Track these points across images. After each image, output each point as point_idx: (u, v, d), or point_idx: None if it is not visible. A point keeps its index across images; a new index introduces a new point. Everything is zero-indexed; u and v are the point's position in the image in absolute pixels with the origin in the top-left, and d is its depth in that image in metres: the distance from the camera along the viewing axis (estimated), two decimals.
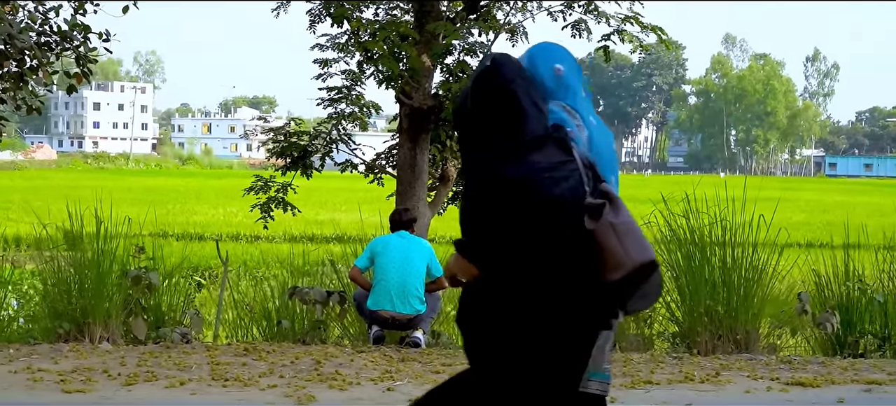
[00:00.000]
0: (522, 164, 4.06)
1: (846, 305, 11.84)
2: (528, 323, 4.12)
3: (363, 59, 14.06)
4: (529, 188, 4.03)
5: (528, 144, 4.10)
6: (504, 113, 4.15)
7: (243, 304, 12.01)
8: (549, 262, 4.09)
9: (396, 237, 10.91)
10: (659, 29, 14.15)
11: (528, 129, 4.14)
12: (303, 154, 15.41)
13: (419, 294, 10.69)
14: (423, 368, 9.29)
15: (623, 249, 4.12)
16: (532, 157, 4.09)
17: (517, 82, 4.21)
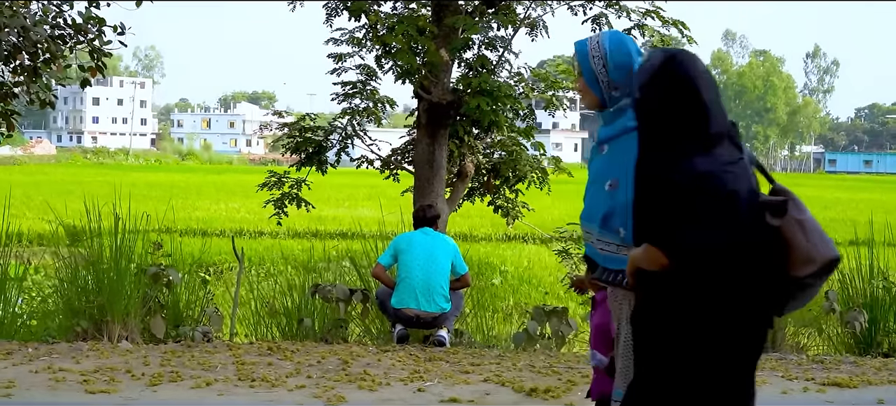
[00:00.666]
0: (709, 159, 4.18)
1: (871, 303, 11.66)
2: (716, 313, 4.26)
3: (381, 54, 13.85)
4: (715, 183, 4.14)
5: (712, 139, 4.22)
6: (689, 108, 4.25)
7: (263, 301, 11.80)
8: (736, 255, 4.20)
9: (420, 234, 10.73)
10: (681, 23, 13.97)
11: (711, 124, 4.25)
12: (318, 149, 15.20)
13: (444, 292, 10.51)
14: (452, 368, 9.11)
15: (812, 245, 4.28)
16: (717, 152, 4.22)
17: (699, 78, 4.29)
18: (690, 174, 4.16)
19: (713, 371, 4.35)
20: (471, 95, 13.32)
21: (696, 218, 4.16)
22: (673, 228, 4.20)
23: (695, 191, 4.15)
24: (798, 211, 4.33)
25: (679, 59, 4.31)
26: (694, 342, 4.31)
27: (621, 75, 5.02)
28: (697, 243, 4.17)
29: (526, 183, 15.75)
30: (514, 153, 15.55)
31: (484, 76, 13.43)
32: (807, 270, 4.29)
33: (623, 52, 5.03)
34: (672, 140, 4.25)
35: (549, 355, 10.21)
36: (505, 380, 8.59)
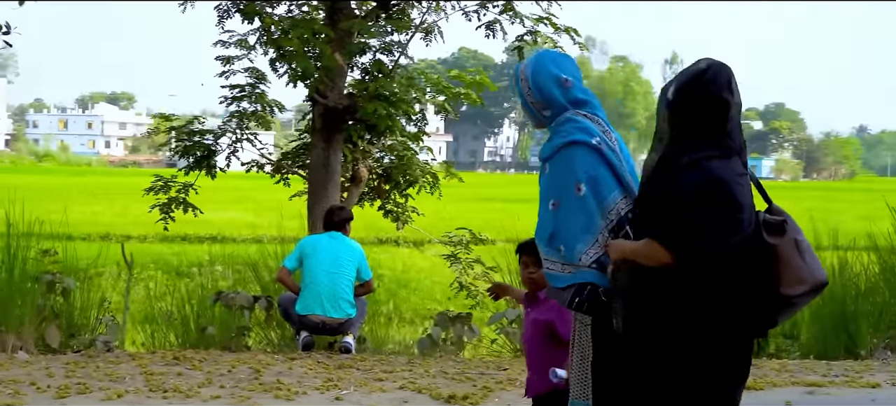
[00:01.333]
0: (725, 167, 4.32)
1: None
2: (707, 320, 4.37)
3: (275, 57, 13.66)
4: (728, 189, 4.28)
5: (729, 151, 4.37)
6: (717, 117, 4.39)
7: (164, 311, 11.52)
8: (735, 265, 4.33)
9: (327, 238, 10.61)
10: (573, 30, 14.11)
11: (732, 136, 4.41)
12: (207, 153, 14.93)
13: (350, 298, 10.42)
14: (364, 375, 9.04)
15: (806, 266, 4.40)
16: (732, 163, 4.36)
17: (733, 93, 4.43)
18: (708, 177, 4.29)
19: (699, 382, 4.45)
20: (367, 100, 13.23)
21: (707, 222, 4.28)
22: (681, 229, 4.30)
23: (709, 195, 4.28)
24: (796, 232, 4.44)
25: (719, 70, 4.45)
26: (682, 347, 4.42)
27: (546, 95, 5.01)
28: (706, 247, 4.29)
29: (416, 187, 15.72)
30: (405, 158, 15.51)
31: (381, 81, 13.35)
32: (797, 290, 4.41)
33: (544, 72, 5.02)
34: (696, 144, 4.37)
35: (458, 361, 10.20)
36: (420, 387, 8.56)
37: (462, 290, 16.08)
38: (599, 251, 4.77)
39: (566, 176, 4.84)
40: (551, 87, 5.01)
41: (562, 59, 5.17)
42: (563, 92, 5.00)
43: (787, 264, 4.40)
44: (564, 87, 5.00)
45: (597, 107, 5.04)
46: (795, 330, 11.86)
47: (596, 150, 4.83)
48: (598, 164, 4.83)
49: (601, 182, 4.81)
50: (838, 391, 8.96)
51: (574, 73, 5.09)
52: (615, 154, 4.87)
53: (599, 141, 4.84)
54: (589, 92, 5.08)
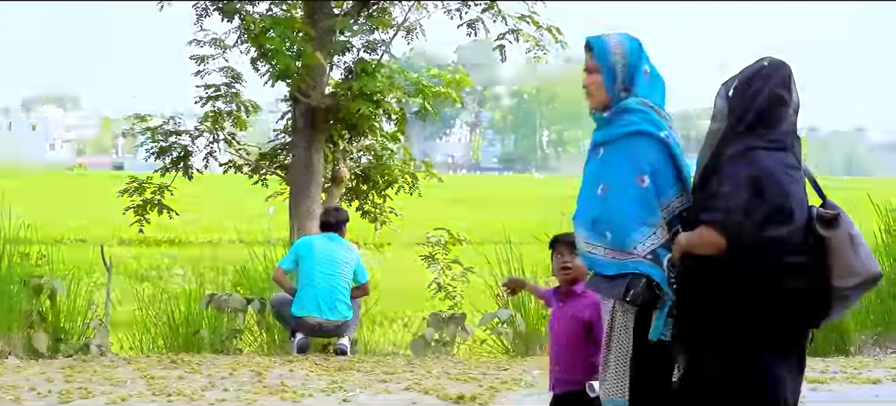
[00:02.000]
0: (772, 158, 4.42)
1: None
2: (761, 306, 4.42)
3: (256, 56, 13.51)
4: (775, 179, 4.38)
5: (781, 144, 4.49)
6: (768, 113, 4.50)
7: (156, 314, 11.34)
8: (783, 250, 4.40)
9: (323, 239, 10.48)
10: (555, 28, 14.07)
11: (784, 133, 4.52)
12: (183, 154, 14.76)
13: (347, 300, 10.31)
14: (367, 378, 8.94)
15: (859, 259, 4.47)
16: (781, 155, 4.47)
17: (792, 92, 4.57)
18: (756, 166, 4.39)
19: (753, 375, 4.48)
20: (350, 99, 13.11)
21: (756, 210, 4.36)
22: (731, 214, 4.37)
23: (758, 184, 4.37)
24: (849, 226, 4.50)
25: (777, 68, 4.58)
26: (735, 334, 4.47)
27: (634, 78, 4.94)
28: (757, 234, 4.35)
29: (395, 188, 15.63)
30: (384, 157, 15.41)
31: (365, 79, 13.23)
32: (850, 282, 4.47)
33: (638, 56, 4.97)
34: (747, 137, 4.47)
35: (456, 362, 10.12)
36: (426, 388, 8.47)
37: (440, 290, 15.96)
38: (657, 242, 4.70)
39: (627, 164, 4.75)
40: (640, 75, 4.95)
41: (639, 45, 5.05)
42: (644, 81, 4.95)
43: (840, 256, 4.46)
44: (646, 77, 4.96)
45: (662, 103, 4.96)
46: None
47: (664, 143, 4.77)
48: (663, 157, 4.76)
49: (664, 176, 4.75)
50: (840, 387, 8.97)
51: (651, 67, 5.04)
52: (680, 151, 4.80)
53: (668, 135, 4.78)
54: (659, 85, 5.00)
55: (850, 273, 4.47)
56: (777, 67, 4.57)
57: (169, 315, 11.11)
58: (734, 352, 4.49)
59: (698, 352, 4.58)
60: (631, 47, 4.97)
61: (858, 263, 4.47)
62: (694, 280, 4.54)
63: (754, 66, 4.60)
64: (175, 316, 11.09)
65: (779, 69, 4.56)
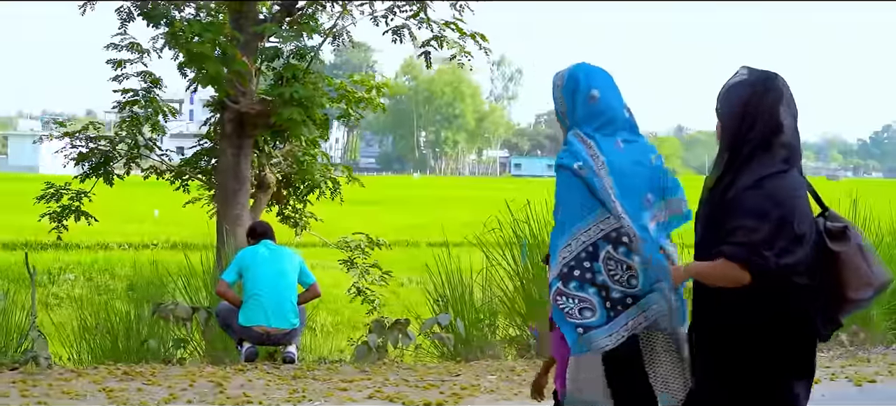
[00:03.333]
0: (783, 184, 4.38)
1: None
2: (779, 329, 4.43)
3: (184, 61, 13.37)
4: (790, 206, 4.33)
5: (787, 164, 4.43)
6: (769, 133, 4.43)
7: (97, 323, 11.13)
8: (803, 272, 4.38)
9: (264, 248, 10.43)
10: (480, 35, 14.22)
11: (788, 150, 4.46)
12: (104, 160, 14.53)
13: (294, 308, 10.28)
14: (326, 386, 8.95)
15: (872, 269, 4.47)
16: (790, 178, 4.42)
17: (785, 103, 4.48)
18: (770, 196, 4.32)
19: (770, 385, 4.51)
20: (282, 104, 13.07)
21: (776, 240, 4.30)
22: (753, 248, 4.29)
23: (774, 214, 4.30)
24: (857, 237, 4.51)
25: (769, 83, 4.47)
26: (754, 354, 4.47)
27: (574, 109, 5.00)
28: (779, 264, 4.31)
29: (316, 193, 15.62)
30: (306, 163, 15.39)
31: (296, 85, 13.20)
32: (866, 293, 4.50)
33: (575, 85, 5.00)
34: (752, 162, 4.41)
35: (406, 368, 10.16)
36: (389, 395, 8.53)
37: (359, 295, 15.99)
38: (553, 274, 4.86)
39: (559, 191, 4.91)
40: (580, 104, 4.98)
41: (595, 72, 5.09)
42: (584, 108, 4.96)
43: (854, 269, 4.48)
44: (590, 102, 4.96)
45: (612, 121, 4.99)
46: None
47: (576, 174, 4.81)
48: (574, 188, 4.83)
49: (571, 205, 4.84)
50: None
51: (605, 87, 5.03)
52: (597, 177, 4.81)
53: (582, 165, 4.80)
54: (613, 106, 5.01)
55: (866, 284, 4.49)
56: (764, 80, 4.50)
57: (108, 324, 10.92)
58: (753, 377, 4.50)
59: (714, 377, 4.57)
60: (567, 79, 5.03)
61: (872, 274, 4.49)
62: (709, 309, 4.54)
63: (741, 80, 4.53)
64: (113, 324, 10.91)
65: (770, 83, 4.49)
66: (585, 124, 4.94)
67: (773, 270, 4.33)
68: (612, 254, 4.78)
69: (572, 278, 4.80)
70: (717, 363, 4.55)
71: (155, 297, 11.36)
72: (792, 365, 4.53)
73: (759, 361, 4.48)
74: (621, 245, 4.79)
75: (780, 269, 4.33)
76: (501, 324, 11.83)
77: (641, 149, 5.04)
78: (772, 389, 4.54)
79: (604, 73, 5.15)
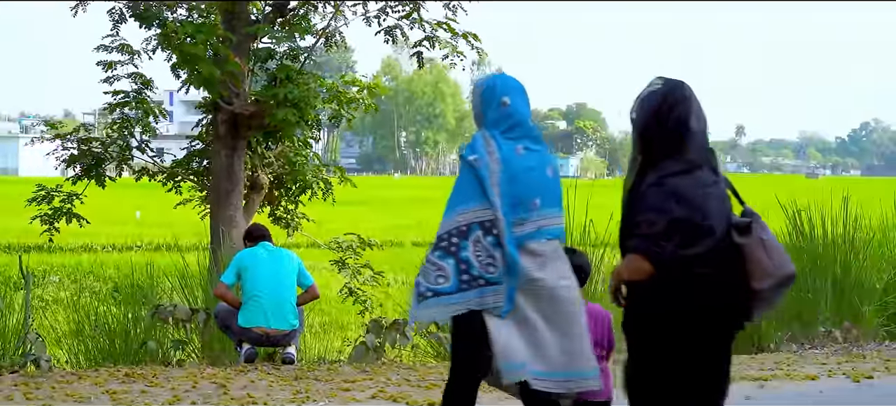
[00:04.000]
0: (686, 182, 4.76)
1: None
2: (691, 316, 4.79)
3: (177, 63, 13.36)
4: (690, 201, 4.70)
5: (692, 164, 4.80)
6: (677, 137, 4.82)
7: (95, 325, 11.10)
8: (705, 263, 4.73)
9: (263, 250, 10.42)
10: (472, 35, 14.26)
11: (695, 152, 4.83)
12: (96, 162, 14.50)
13: (294, 309, 10.28)
14: (329, 387, 8.96)
15: (771, 262, 4.80)
16: (696, 176, 4.80)
17: (692, 109, 4.87)
18: (671, 192, 4.73)
19: (688, 367, 4.89)
20: (276, 106, 13.06)
21: (676, 233, 4.71)
22: (655, 240, 4.73)
23: (674, 208, 4.71)
24: (762, 231, 4.85)
25: (675, 91, 4.88)
26: (671, 342, 4.84)
27: (485, 113, 5.68)
28: (677, 254, 4.70)
29: (308, 194, 15.63)
30: (297, 163, 15.40)
31: (290, 86, 13.19)
32: (765, 284, 4.82)
33: (491, 93, 5.69)
34: (661, 162, 4.81)
35: (407, 368, 10.18)
36: (393, 395, 8.55)
37: (351, 295, 15.99)
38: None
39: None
40: (492, 109, 5.65)
41: (510, 83, 5.75)
42: (495, 112, 5.62)
43: (756, 261, 4.82)
44: (502, 108, 5.61)
45: (520, 126, 5.62)
46: None
47: (471, 166, 5.48)
48: (466, 177, 5.51)
49: (462, 191, 5.51)
50: (780, 384, 9.34)
51: (516, 96, 5.67)
52: (488, 171, 5.44)
53: (477, 159, 5.47)
54: (521, 113, 5.64)
55: (764, 275, 4.81)
56: (674, 89, 4.88)
57: (105, 327, 10.90)
58: (670, 362, 4.86)
59: (637, 362, 4.97)
60: (486, 85, 5.76)
61: (771, 265, 4.81)
62: (633, 304, 4.92)
63: (653, 91, 4.91)
64: (110, 326, 10.89)
65: (676, 92, 4.87)
66: (493, 127, 5.61)
67: (670, 260, 4.71)
68: (481, 239, 5.41)
69: (439, 249, 5.46)
70: (638, 349, 4.95)
71: (149, 298, 11.36)
72: (705, 351, 4.88)
73: (673, 347, 4.84)
74: (491, 235, 5.42)
75: (678, 260, 4.71)
76: None
77: (541, 158, 5.65)
78: (687, 374, 4.89)
79: (518, 84, 5.80)
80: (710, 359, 4.92)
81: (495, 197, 5.40)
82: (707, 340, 4.87)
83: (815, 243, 12.86)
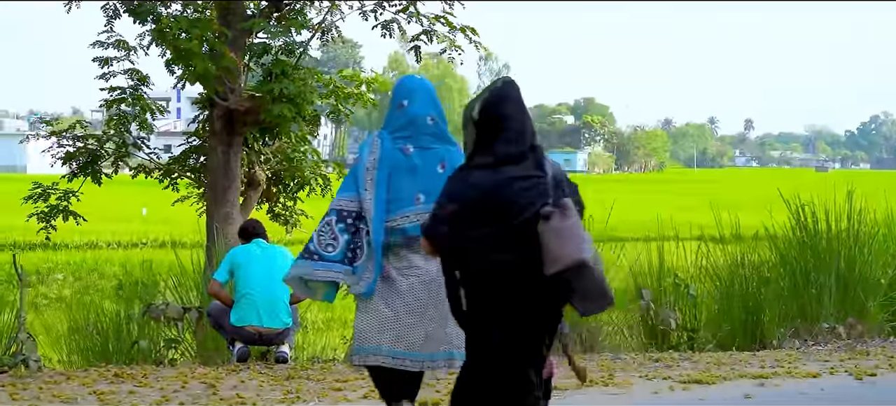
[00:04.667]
0: (496, 174, 5.07)
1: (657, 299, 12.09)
2: (487, 297, 5.09)
3: (172, 58, 13.22)
4: (499, 193, 5.02)
5: (498, 159, 5.11)
6: (490, 132, 5.14)
7: (88, 323, 10.97)
8: (491, 248, 5.03)
9: (256, 247, 10.28)
10: (470, 29, 14.09)
11: (503, 148, 5.12)
12: (92, 159, 14.37)
13: (287, 307, 10.13)
14: (320, 386, 8.81)
15: (560, 248, 4.94)
16: (499, 172, 5.08)
17: (505, 106, 5.18)
18: (468, 183, 5.10)
19: (501, 340, 5.12)
20: (272, 101, 12.91)
21: (459, 215, 5.07)
22: (435, 220, 5.17)
23: (465, 193, 5.08)
24: (561, 219, 4.99)
25: (497, 89, 5.23)
26: (479, 317, 5.15)
27: (389, 114, 6.39)
28: (454, 237, 5.08)
29: (306, 190, 15.49)
30: (295, 160, 15.25)
31: (285, 82, 13.04)
32: (553, 269, 4.94)
33: (395, 96, 6.42)
34: (474, 155, 5.17)
35: None
36: None
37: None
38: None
39: None
40: (392, 110, 6.35)
41: (414, 86, 6.37)
42: (391, 113, 6.33)
43: (547, 248, 4.97)
44: (398, 110, 6.28)
45: (412, 125, 6.25)
46: (697, 323, 12.09)
47: (357, 160, 6.30)
48: (350, 173, 6.35)
49: (346, 183, 6.33)
50: (781, 382, 9.18)
51: (416, 99, 6.27)
52: (364, 169, 6.22)
53: (356, 157, 6.30)
54: (417, 115, 6.26)
55: (554, 261, 4.94)
56: (497, 91, 5.21)
57: (98, 325, 10.76)
58: (478, 326, 5.16)
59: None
60: (392, 91, 6.46)
61: (561, 252, 4.93)
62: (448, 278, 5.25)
63: (487, 90, 5.28)
64: (104, 325, 10.75)
65: (500, 93, 5.20)
66: (387, 127, 6.29)
67: (444, 241, 5.13)
68: (332, 223, 6.25)
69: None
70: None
71: (146, 296, 11.24)
72: (510, 323, 5.08)
73: (480, 316, 5.14)
74: (344, 222, 6.23)
75: (453, 242, 5.09)
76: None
77: (432, 156, 6.27)
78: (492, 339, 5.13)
79: (422, 85, 6.39)
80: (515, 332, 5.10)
81: (365, 191, 6.16)
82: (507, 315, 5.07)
83: (819, 238, 12.66)
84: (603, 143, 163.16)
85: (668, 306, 12.07)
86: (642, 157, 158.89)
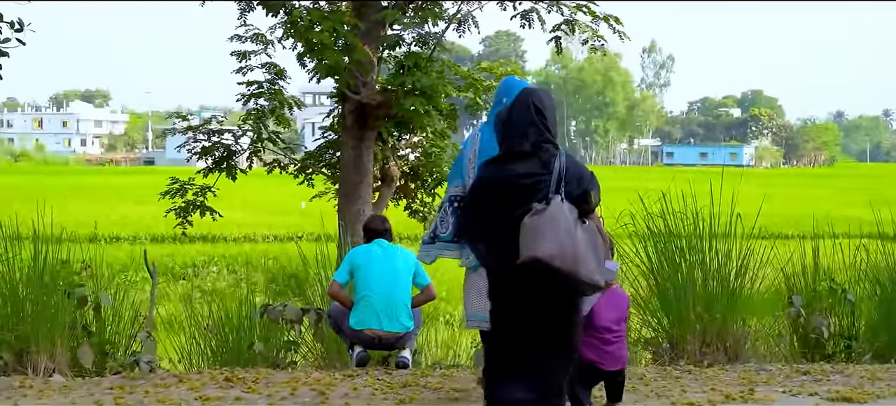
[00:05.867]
0: (500, 169, 5.78)
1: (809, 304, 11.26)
2: (502, 285, 5.83)
3: (304, 52, 12.94)
4: (501, 187, 5.68)
5: (509, 156, 5.82)
6: (504, 131, 5.93)
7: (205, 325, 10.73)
8: (513, 242, 5.52)
9: (377, 247, 9.84)
10: (613, 18, 13.43)
11: (511, 144, 5.85)
12: (227, 154, 14.22)
13: (408, 310, 9.67)
14: (435, 395, 8.32)
15: (525, 244, 5.45)
16: (511, 165, 5.75)
17: (514, 107, 5.96)
18: (477, 178, 6.04)
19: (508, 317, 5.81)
20: (404, 95, 12.51)
21: (468, 206, 6.12)
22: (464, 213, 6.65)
23: (476, 188, 5.92)
24: (533, 216, 5.46)
25: (521, 101, 5.95)
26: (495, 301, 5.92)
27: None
28: (464, 224, 6.38)
29: (445, 186, 15.05)
30: (433, 155, 14.83)
31: (418, 74, 12.62)
32: (522, 259, 5.43)
33: (499, 99, 7.08)
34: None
35: None
36: None
37: None
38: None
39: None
40: (494, 105, 7.17)
41: (509, 84, 6.94)
42: (495, 109, 6.96)
43: (522, 241, 5.47)
44: (499, 106, 6.82)
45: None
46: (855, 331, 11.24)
47: (461, 153, 7.32)
48: (455, 164, 7.37)
49: (453, 173, 7.44)
50: None
51: (510, 97, 6.45)
52: (467, 159, 7.14)
53: (464, 147, 7.30)
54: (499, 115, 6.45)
55: (523, 253, 5.42)
56: (517, 102, 5.97)
57: (219, 326, 10.50)
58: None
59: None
60: (497, 89, 7.25)
61: (524, 247, 5.42)
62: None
63: (514, 99, 6.13)
64: (225, 326, 10.48)
65: (520, 102, 5.92)
66: (489, 121, 7.21)
67: (458, 225, 6.86)
68: (446, 208, 7.31)
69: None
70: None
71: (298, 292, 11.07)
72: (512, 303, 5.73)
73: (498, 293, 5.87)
74: (454, 207, 7.23)
75: (462, 228, 6.51)
76: (634, 326, 11.04)
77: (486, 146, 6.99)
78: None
79: (522, 86, 6.64)
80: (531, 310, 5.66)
81: (468, 179, 7.00)
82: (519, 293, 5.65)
83: None
84: (771, 137, 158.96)
85: (822, 312, 11.25)
86: (812, 151, 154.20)
